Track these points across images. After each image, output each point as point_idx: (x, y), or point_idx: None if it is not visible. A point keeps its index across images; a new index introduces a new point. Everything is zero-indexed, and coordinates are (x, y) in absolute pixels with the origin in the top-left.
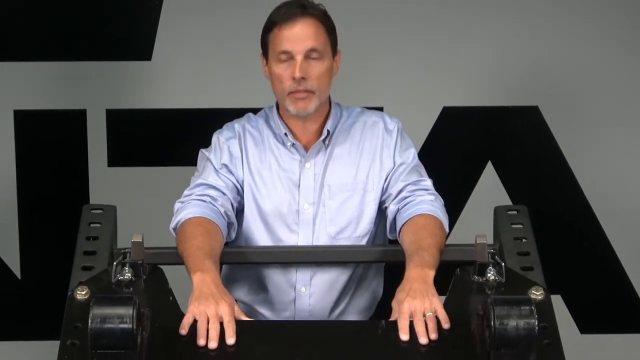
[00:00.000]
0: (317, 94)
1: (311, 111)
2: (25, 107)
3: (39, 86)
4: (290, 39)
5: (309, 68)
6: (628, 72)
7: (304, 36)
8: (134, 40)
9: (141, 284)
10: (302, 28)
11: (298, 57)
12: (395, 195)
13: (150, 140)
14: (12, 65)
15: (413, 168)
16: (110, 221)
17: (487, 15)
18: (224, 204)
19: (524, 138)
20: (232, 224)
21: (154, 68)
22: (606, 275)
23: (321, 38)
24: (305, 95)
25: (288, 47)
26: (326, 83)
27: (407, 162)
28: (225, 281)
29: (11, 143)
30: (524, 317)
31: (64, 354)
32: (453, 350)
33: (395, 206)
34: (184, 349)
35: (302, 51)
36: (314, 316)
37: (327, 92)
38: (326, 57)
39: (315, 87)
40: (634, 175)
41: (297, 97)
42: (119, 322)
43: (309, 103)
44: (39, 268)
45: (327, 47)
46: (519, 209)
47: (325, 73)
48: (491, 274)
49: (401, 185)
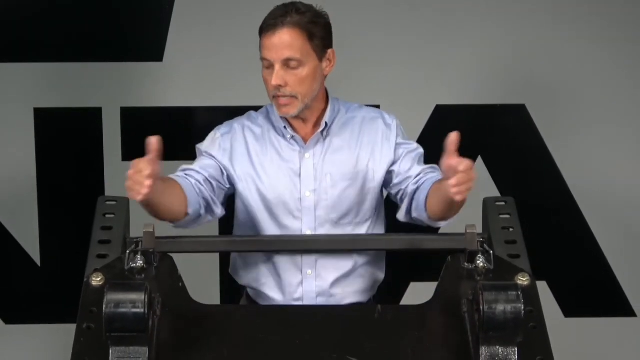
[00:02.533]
0: (299, 98)
1: (294, 114)
2: (45, 105)
3: (58, 85)
4: (270, 48)
5: (287, 76)
6: (609, 72)
7: (281, 46)
8: (146, 43)
9: (152, 271)
10: (279, 38)
11: (276, 65)
12: (414, 178)
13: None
14: (32, 65)
15: (422, 156)
16: (124, 212)
17: (477, 20)
18: (199, 182)
19: (511, 134)
20: (207, 199)
21: (165, 68)
22: (588, 262)
23: (298, 47)
24: (287, 102)
25: (267, 56)
26: (309, 86)
27: (413, 148)
28: (237, 269)
29: (31, 139)
30: (511, 302)
31: (80, 336)
32: (445, 333)
33: (414, 186)
34: (193, 332)
35: (279, 60)
36: (320, 296)
37: (313, 93)
38: (307, 63)
39: (295, 92)
40: (614, 169)
41: (279, 102)
42: (131, 306)
43: (290, 108)
44: (57, 256)
45: (308, 54)
46: (506, 200)
47: (307, 78)
48: (480, 261)
49: (419, 169)
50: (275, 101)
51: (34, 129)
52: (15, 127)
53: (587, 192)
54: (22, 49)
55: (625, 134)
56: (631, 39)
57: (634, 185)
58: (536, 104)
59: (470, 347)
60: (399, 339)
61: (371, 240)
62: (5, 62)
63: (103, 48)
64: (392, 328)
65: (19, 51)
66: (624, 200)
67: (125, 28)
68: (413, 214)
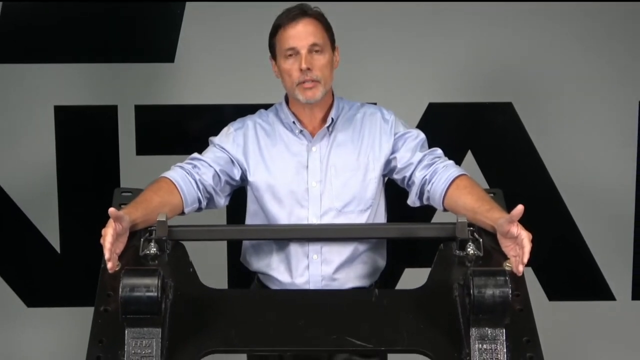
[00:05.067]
0: (322, 83)
1: (318, 98)
2: (64, 103)
3: (76, 85)
4: (295, 36)
5: (312, 60)
6: (590, 73)
7: (306, 33)
8: (159, 45)
9: (165, 258)
10: (304, 26)
11: (303, 51)
12: (416, 164)
13: (173, 131)
14: (52, 66)
15: (424, 142)
16: None
17: (468, 24)
18: (204, 174)
19: (499, 130)
20: (210, 192)
21: (176, 69)
22: (571, 250)
23: (321, 34)
24: (312, 85)
25: (293, 44)
26: (329, 73)
27: (414, 136)
28: (248, 257)
29: (52, 135)
30: (499, 287)
31: (98, 318)
32: (437, 315)
33: (421, 173)
34: (203, 314)
35: (306, 46)
36: (325, 279)
37: (330, 81)
38: (326, 51)
39: (319, 76)
40: (595, 163)
41: (305, 87)
42: (145, 290)
43: (315, 91)
44: (76, 243)
45: (327, 43)
46: (494, 191)
47: (327, 64)
48: (471, 249)
49: (420, 155)
50: (299, 88)
51: (54, 125)
52: (37, 124)
53: (570, 184)
54: (43, 52)
55: (604, 130)
56: (609, 43)
57: (613, 178)
58: (522, 102)
59: (461, 328)
60: (395, 321)
61: (370, 229)
62: (28, 63)
63: (119, 50)
64: (388, 310)
65: (40, 53)
66: (604, 192)
67: (139, 32)
68: (425, 201)
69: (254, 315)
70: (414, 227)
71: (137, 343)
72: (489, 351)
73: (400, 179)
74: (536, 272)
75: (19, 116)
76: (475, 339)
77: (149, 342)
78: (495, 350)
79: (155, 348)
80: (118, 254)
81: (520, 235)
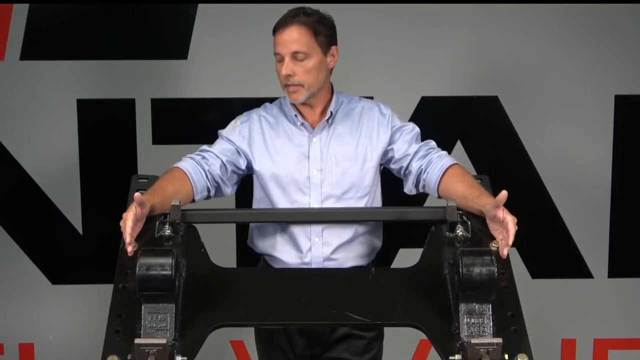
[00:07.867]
0: (305, 87)
1: (302, 100)
2: (86, 97)
3: (97, 80)
4: (280, 43)
5: (295, 67)
6: (570, 69)
7: (290, 41)
8: (173, 43)
9: (178, 239)
10: (289, 33)
11: (286, 58)
12: (413, 155)
13: (186, 123)
14: (75, 62)
15: (419, 135)
16: None
17: (459, 24)
18: (212, 165)
19: (486, 122)
20: (218, 182)
21: (189, 65)
22: (552, 231)
23: (305, 41)
24: (295, 89)
25: (278, 50)
26: (315, 76)
27: (410, 129)
28: (254, 239)
29: (75, 126)
30: (486, 265)
31: (117, 294)
32: (429, 292)
33: (418, 163)
34: (214, 291)
35: (288, 53)
36: (327, 260)
37: (317, 83)
38: (313, 56)
39: (302, 81)
40: (573, 151)
41: (289, 90)
42: (160, 269)
43: (299, 95)
44: (97, 226)
45: (314, 48)
46: (482, 178)
47: (313, 69)
48: (460, 231)
49: (416, 147)
50: (286, 89)
51: (77, 117)
52: (60, 116)
53: (551, 171)
54: (67, 49)
55: (583, 121)
56: (588, 42)
57: (591, 165)
58: (507, 95)
59: (450, 304)
60: (390, 297)
61: (367, 212)
62: (53, 60)
63: (136, 48)
64: (384, 288)
65: (64, 50)
66: (582, 178)
67: (155, 32)
68: (421, 189)
69: (261, 292)
70: (408, 210)
71: (153, 317)
72: (476, 325)
73: (397, 169)
74: (520, 252)
75: (45, 109)
76: (464, 314)
77: (163, 317)
78: (483, 324)
79: (169, 322)
80: (135, 237)
81: (505, 220)
